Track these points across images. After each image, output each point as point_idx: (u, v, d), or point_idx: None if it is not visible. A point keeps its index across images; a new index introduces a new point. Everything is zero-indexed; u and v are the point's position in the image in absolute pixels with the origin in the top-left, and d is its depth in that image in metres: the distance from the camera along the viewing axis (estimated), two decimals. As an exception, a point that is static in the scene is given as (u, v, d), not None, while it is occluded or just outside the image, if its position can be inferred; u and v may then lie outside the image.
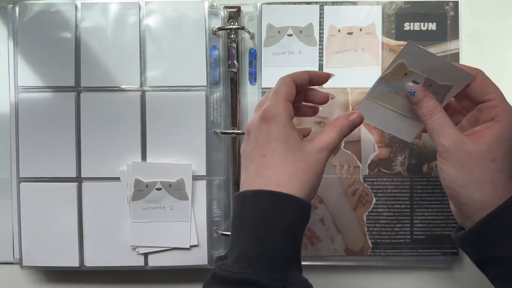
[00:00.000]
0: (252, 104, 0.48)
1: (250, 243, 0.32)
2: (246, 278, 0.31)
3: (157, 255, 0.46)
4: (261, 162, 0.34)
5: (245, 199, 0.34)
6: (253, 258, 0.32)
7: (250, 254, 0.32)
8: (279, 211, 0.33)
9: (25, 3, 0.46)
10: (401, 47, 0.47)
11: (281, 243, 0.32)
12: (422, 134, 0.46)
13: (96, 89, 0.46)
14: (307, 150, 0.35)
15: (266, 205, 0.33)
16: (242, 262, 0.32)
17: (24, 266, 0.46)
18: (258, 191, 0.33)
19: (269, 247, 0.32)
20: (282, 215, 0.33)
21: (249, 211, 0.33)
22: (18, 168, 0.46)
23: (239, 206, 0.34)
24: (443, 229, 0.46)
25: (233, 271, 0.32)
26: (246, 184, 0.35)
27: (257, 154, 0.35)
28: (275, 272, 0.32)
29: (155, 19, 0.46)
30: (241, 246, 0.33)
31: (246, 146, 0.36)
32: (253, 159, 0.35)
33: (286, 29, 0.47)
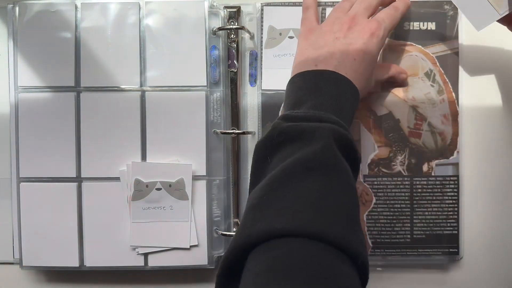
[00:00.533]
0: (252, 104, 0.48)
1: (329, 101, 0.36)
2: (333, 119, 0.34)
3: (157, 255, 0.46)
4: (351, 61, 0.38)
5: (325, 73, 0.38)
6: (333, 110, 0.35)
7: (330, 107, 0.36)
8: (351, 92, 0.38)
9: (25, 3, 0.46)
10: (401, 47, 0.47)
11: (350, 113, 0.38)
12: (422, 133, 0.46)
13: (96, 89, 0.46)
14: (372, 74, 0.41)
15: (345, 83, 0.37)
16: (323, 110, 0.35)
17: (24, 266, 0.46)
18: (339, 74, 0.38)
19: (344, 111, 0.37)
20: (352, 95, 0.38)
21: (327, 81, 0.37)
22: (18, 168, 0.46)
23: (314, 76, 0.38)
24: (443, 229, 0.46)
25: (315, 113, 0.35)
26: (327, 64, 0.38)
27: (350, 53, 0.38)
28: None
29: (155, 19, 0.46)
30: (318, 101, 0.36)
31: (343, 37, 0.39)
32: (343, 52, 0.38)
33: (288, 31, 0.47)
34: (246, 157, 0.48)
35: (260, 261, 0.28)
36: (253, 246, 0.29)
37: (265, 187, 0.32)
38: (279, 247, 0.28)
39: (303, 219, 0.29)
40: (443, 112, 0.46)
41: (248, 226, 0.30)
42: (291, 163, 0.32)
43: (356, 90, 0.38)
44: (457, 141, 0.46)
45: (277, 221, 0.29)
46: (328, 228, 0.29)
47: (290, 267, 0.27)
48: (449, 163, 0.46)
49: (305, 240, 0.28)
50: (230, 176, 0.47)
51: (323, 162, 0.32)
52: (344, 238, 0.29)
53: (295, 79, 0.39)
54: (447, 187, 0.46)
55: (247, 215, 0.31)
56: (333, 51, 0.39)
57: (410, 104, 0.46)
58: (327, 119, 0.34)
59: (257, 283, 0.27)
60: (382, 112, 0.47)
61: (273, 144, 0.34)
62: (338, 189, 0.31)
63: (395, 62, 0.47)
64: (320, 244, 0.28)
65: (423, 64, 0.47)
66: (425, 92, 0.46)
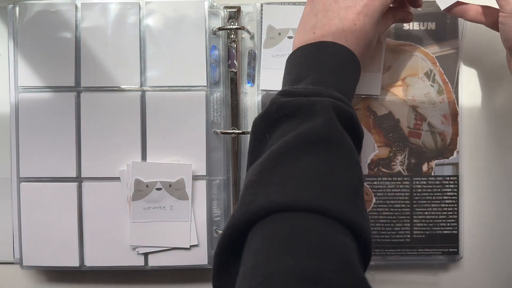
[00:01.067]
0: (252, 104, 0.48)
1: (329, 75, 0.35)
2: (333, 94, 0.33)
3: (157, 255, 0.46)
4: (350, 27, 0.36)
5: (324, 45, 0.36)
6: (333, 85, 0.34)
7: (330, 81, 0.34)
8: (352, 64, 0.36)
9: (25, 3, 0.46)
10: (401, 47, 0.47)
11: (351, 86, 0.37)
12: (422, 133, 0.46)
13: (96, 89, 0.46)
14: (376, 34, 0.39)
15: (345, 55, 0.36)
16: (322, 85, 0.34)
17: (24, 266, 0.46)
18: (338, 44, 0.36)
19: (345, 84, 0.35)
20: (353, 67, 0.36)
21: (327, 55, 0.35)
22: (18, 168, 0.46)
23: (314, 49, 0.36)
24: (443, 229, 0.46)
25: (314, 88, 0.34)
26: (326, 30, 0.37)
27: (350, 17, 0.36)
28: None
29: (155, 19, 0.46)
30: (318, 76, 0.35)
31: (342, 1, 0.37)
32: (342, 17, 0.36)
33: (287, 31, 0.47)
34: (246, 157, 0.48)
35: (260, 237, 0.27)
36: (253, 222, 0.28)
37: (264, 163, 0.30)
38: (280, 222, 0.27)
39: (304, 194, 0.28)
40: (443, 112, 0.46)
41: (247, 202, 0.29)
42: (291, 138, 0.31)
43: (357, 61, 0.37)
44: (457, 141, 0.46)
45: (278, 196, 0.28)
46: (330, 202, 0.28)
47: (291, 241, 0.26)
48: (449, 163, 0.46)
49: (306, 214, 0.27)
50: (230, 176, 0.47)
51: (324, 136, 0.31)
52: (346, 213, 0.28)
53: (294, 54, 0.38)
54: (447, 187, 0.46)
55: (246, 191, 0.30)
56: (332, 16, 0.37)
57: (410, 104, 0.46)
58: (326, 94, 0.33)
59: (258, 258, 0.26)
60: (382, 112, 0.47)
61: (271, 120, 0.33)
62: (341, 163, 0.30)
63: (395, 62, 0.47)
64: (322, 218, 0.27)
65: (423, 64, 0.47)
66: (425, 92, 0.46)
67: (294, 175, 0.29)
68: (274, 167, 0.30)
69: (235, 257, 0.28)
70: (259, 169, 0.30)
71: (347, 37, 0.36)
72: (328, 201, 0.28)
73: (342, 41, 0.36)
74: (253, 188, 0.29)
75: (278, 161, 0.30)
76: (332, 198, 0.28)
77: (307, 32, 0.38)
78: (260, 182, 0.29)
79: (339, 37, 0.36)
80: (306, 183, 0.29)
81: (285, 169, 0.29)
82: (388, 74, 0.47)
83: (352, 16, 0.36)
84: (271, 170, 0.30)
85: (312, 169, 0.29)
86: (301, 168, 0.29)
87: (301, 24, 0.39)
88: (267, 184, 0.29)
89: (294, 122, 0.32)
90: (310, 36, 0.37)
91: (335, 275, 0.24)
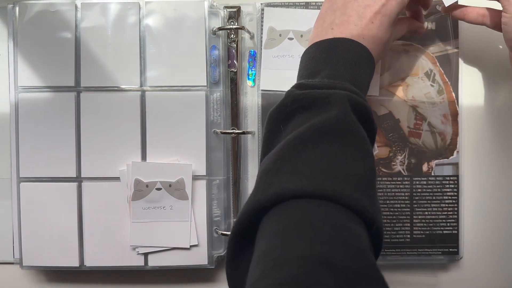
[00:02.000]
0: (252, 104, 0.48)
1: (344, 70, 0.35)
2: (348, 87, 0.33)
3: (157, 255, 0.46)
4: (368, 25, 0.37)
5: (340, 41, 0.36)
6: (348, 79, 0.34)
7: (345, 76, 0.35)
8: (367, 62, 0.36)
9: (25, 3, 0.46)
10: (401, 47, 0.47)
11: (366, 82, 0.37)
12: (422, 133, 0.46)
13: (96, 89, 0.46)
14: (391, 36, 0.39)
15: (361, 52, 0.36)
16: (338, 79, 0.34)
17: (24, 266, 0.46)
18: (354, 41, 0.36)
19: (360, 79, 0.35)
20: (367, 65, 0.37)
21: (342, 50, 0.36)
22: (18, 168, 0.46)
23: (329, 45, 0.36)
24: (443, 229, 0.46)
25: (330, 81, 0.34)
26: (344, 27, 0.37)
27: (368, 16, 0.37)
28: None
29: (155, 19, 0.46)
30: (333, 70, 0.35)
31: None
32: (361, 15, 0.37)
33: (287, 32, 0.47)
34: (246, 157, 0.48)
35: (274, 223, 0.27)
36: (266, 209, 0.28)
37: (278, 152, 0.31)
38: (293, 208, 0.28)
39: (318, 181, 0.28)
40: (443, 112, 0.46)
41: (262, 190, 0.29)
42: (306, 129, 0.31)
43: (372, 60, 0.37)
44: (457, 141, 0.46)
45: (291, 183, 0.28)
46: (342, 190, 0.28)
47: (304, 227, 0.26)
48: (449, 163, 0.46)
49: (320, 201, 0.28)
50: (230, 176, 0.47)
51: (339, 127, 0.31)
52: (359, 202, 0.28)
53: (310, 49, 0.38)
54: (447, 187, 0.46)
55: (260, 179, 0.30)
56: (350, 14, 0.37)
57: (410, 104, 0.46)
58: (342, 87, 0.33)
59: (272, 243, 0.26)
60: (382, 112, 0.47)
61: (286, 112, 0.34)
62: (355, 154, 0.31)
63: (395, 62, 0.47)
64: (335, 205, 0.28)
65: (423, 64, 0.47)
66: (425, 92, 0.46)
67: (308, 164, 0.29)
68: (289, 156, 0.30)
69: (249, 244, 0.29)
70: (274, 158, 0.31)
71: (364, 34, 0.37)
72: (341, 189, 0.28)
73: (360, 38, 0.36)
74: (267, 177, 0.30)
75: (292, 151, 0.30)
76: (345, 187, 0.29)
77: (325, 28, 0.38)
78: (275, 171, 0.30)
79: (356, 34, 0.37)
80: (321, 171, 0.29)
81: (299, 159, 0.30)
82: (388, 74, 0.47)
83: (370, 14, 0.37)
84: (285, 159, 0.30)
85: (327, 159, 0.30)
86: (316, 158, 0.30)
87: (319, 20, 0.39)
88: (281, 172, 0.29)
89: (309, 113, 0.32)
90: (328, 32, 0.37)
91: (346, 261, 0.25)
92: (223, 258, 0.48)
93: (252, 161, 0.48)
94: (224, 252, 0.47)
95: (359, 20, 0.37)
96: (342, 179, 0.29)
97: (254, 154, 0.48)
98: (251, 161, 0.48)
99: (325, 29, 0.38)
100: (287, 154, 0.30)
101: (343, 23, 0.37)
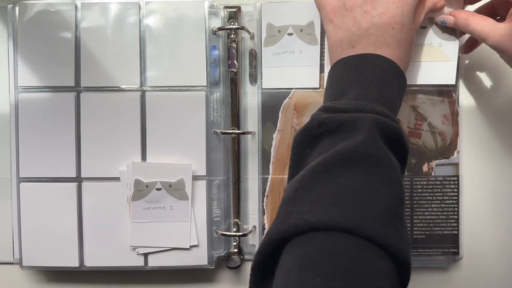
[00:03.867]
0: (252, 104, 0.48)
1: (373, 89, 0.34)
2: (377, 109, 0.32)
3: (157, 255, 0.46)
4: (389, 31, 0.35)
5: (367, 57, 0.35)
6: (377, 99, 0.33)
7: (374, 96, 0.33)
8: (397, 77, 0.35)
9: (25, 3, 0.46)
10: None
11: (397, 100, 0.35)
12: (422, 133, 0.46)
13: (96, 89, 0.46)
14: (415, 31, 0.38)
15: (389, 67, 0.35)
16: (366, 100, 0.33)
17: (24, 266, 0.46)
18: (382, 56, 0.35)
19: (390, 98, 0.34)
20: (397, 80, 0.35)
21: (370, 68, 0.35)
22: (18, 168, 0.46)
23: (356, 62, 0.35)
24: (443, 229, 0.46)
25: (357, 103, 0.33)
26: (365, 42, 0.36)
27: (386, 23, 0.35)
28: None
29: (155, 19, 0.46)
30: (361, 90, 0.34)
31: (372, 9, 0.36)
32: (378, 25, 0.35)
33: (287, 28, 0.47)
34: (246, 157, 0.48)
35: (292, 256, 0.27)
36: (286, 240, 0.27)
37: (301, 179, 0.30)
38: (312, 242, 0.27)
39: (340, 213, 0.27)
40: (443, 112, 0.46)
41: (282, 219, 0.28)
42: (330, 155, 0.30)
43: (401, 74, 0.36)
44: (457, 141, 0.46)
45: (312, 215, 0.27)
46: (366, 223, 0.27)
47: (322, 262, 0.25)
48: (449, 163, 0.46)
49: (340, 235, 0.27)
50: (230, 176, 0.47)
51: (364, 154, 0.30)
52: (383, 235, 0.27)
53: (336, 67, 0.37)
54: (447, 187, 0.46)
55: (281, 208, 0.30)
56: (367, 27, 0.36)
57: (410, 104, 0.46)
58: (370, 109, 0.32)
59: (289, 279, 0.26)
60: (382, 112, 0.47)
61: (312, 136, 0.33)
62: (380, 182, 0.29)
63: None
64: (355, 238, 0.26)
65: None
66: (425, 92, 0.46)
67: (330, 193, 0.29)
68: (310, 185, 0.29)
69: (270, 274, 0.28)
70: (296, 186, 0.30)
71: (389, 43, 0.35)
72: (364, 222, 0.27)
73: (385, 48, 0.35)
74: (288, 206, 0.29)
75: (315, 178, 0.29)
76: (368, 219, 0.27)
77: (344, 48, 0.37)
78: (295, 200, 0.29)
79: (380, 45, 0.35)
80: (343, 202, 0.28)
81: (321, 187, 0.29)
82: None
83: (388, 21, 0.35)
84: (307, 187, 0.29)
85: (350, 188, 0.29)
86: (338, 186, 0.29)
87: (334, 42, 0.38)
88: (302, 201, 0.29)
89: (334, 138, 0.32)
90: (349, 51, 0.36)
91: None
92: (223, 258, 0.48)
93: (252, 161, 0.48)
94: (224, 252, 0.47)
95: (378, 31, 0.35)
96: (365, 211, 0.28)
97: (254, 154, 0.48)
98: (251, 161, 0.48)
99: (346, 49, 0.36)
100: (308, 182, 0.30)
101: (363, 38, 0.36)
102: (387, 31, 0.35)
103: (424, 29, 0.44)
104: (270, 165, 0.47)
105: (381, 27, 0.35)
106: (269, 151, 0.47)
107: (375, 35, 0.35)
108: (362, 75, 0.34)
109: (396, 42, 0.35)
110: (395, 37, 0.35)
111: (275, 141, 0.47)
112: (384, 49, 0.35)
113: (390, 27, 0.35)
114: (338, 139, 0.31)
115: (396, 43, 0.35)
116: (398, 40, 0.36)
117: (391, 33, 0.35)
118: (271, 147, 0.47)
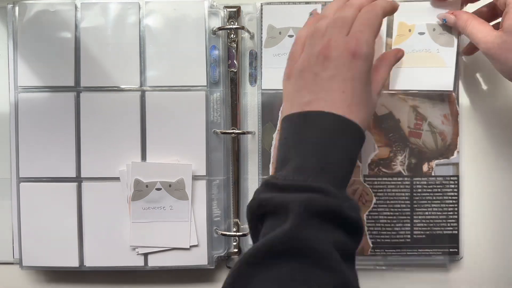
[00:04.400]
0: (252, 104, 0.48)
1: (313, 157, 0.32)
2: (311, 186, 0.31)
3: (157, 255, 0.46)
4: (340, 96, 0.33)
5: (310, 117, 0.34)
6: (316, 170, 0.32)
7: (313, 166, 0.32)
8: (347, 132, 0.33)
9: (25, 3, 0.46)
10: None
11: (342, 163, 0.33)
12: (422, 133, 0.46)
13: (95, 89, 0.46)
14: (372, 94, 0.36)
15: (334, 125, 0.33)
16: (304, 173, 0.32)
17: (23, 266, 0.46)
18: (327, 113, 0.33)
19: (333, 163, 0.32)
20: (347, 136, 0.33)
21: (312, 129, 0.33)
22: (18, 168, 0.46)
23: (300, 123, 0.34)
24: (443, 229, 0.46)
25: (294, 179, 0.32)
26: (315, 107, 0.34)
27: (335, 87, 0.34)
28: (335, 187, 0.32)
29: (155, 19, 0.46)
30: (301, 160, 0.33)
31: (322, 71, 0.34)
32: (327, 89, 0.34)
33: (287, 30, 0.47)
34: (246, 157, 0.48)
35: None
36: None
37: (234, 271, 0.30)
38: None
39: None
40: (443, 112, 0.46)
41: None
42: (261, 246, 0.30)
43: (353, 127, 0.33)
44: (457, 141, 0.46)
45: None
46: None
47: None
48: (449, 163, 0.46)
49: None
50: (230, 176, 0.47)
51: (289, 246, 0.29)
52: None
53: (283, 124, 0.36)
54: (447, 187, 0.46)
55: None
56: (317, 91, 0.34)
57: (410, 104, 0.46)
58: (305, 187, 0.31)
59: None
60: (382, 112, 0.47)
61: (256, 216, 0.33)
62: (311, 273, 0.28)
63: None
64: None
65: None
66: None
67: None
68: (244, 277, 0.29)
69: None
70: (230, 281, 0.29)
71: (338, 107, 0.33)
72: None
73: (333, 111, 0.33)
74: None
75: (248, 272, 0.29)
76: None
77: (294, 107, 0.35)
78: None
79: (330, 109, 0.33)
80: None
81: (253, 281, 0.29)
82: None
83: (337, 85, 0.34)
84: (241, 280, 0.29)
85: (279, 283, 0.28)
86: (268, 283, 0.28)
87: (288, 103, 0.36)
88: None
89: (272, 220, 0.31)
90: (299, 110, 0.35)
91: None
92: (223, 258, 0.48)
93: (252, 161, 0.48)
94: (224, 252, 0.47)
95: (328, 95, 0.34)
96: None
97: (254, 154, 0.48)
98: (251, 161, 0.48)
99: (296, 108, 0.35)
100: (242, 274, 0.29)
101: (313, 102, 0.34)
102: (337, 96, 0.33)
103: (422, 35, 0.45)
104: (270, 165, 0.47)
105: (331, 91, 0.34)
106: (269, 151, 0.47)
107: (325, 100, 0.34)
108: (303, 140, 0.33)
109: (347, 106, 0.33)
110: (345, 102, 0.33)
111: (275, 141, 0.47)
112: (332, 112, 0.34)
113: (340, 91, 0.33)
114: (275, 223, 0.31)
115: (346, 108, 0.33)
116: (349, 104, 0.33)
117: (341, 97, 0.33)
118: (271, 147, 0.47)
